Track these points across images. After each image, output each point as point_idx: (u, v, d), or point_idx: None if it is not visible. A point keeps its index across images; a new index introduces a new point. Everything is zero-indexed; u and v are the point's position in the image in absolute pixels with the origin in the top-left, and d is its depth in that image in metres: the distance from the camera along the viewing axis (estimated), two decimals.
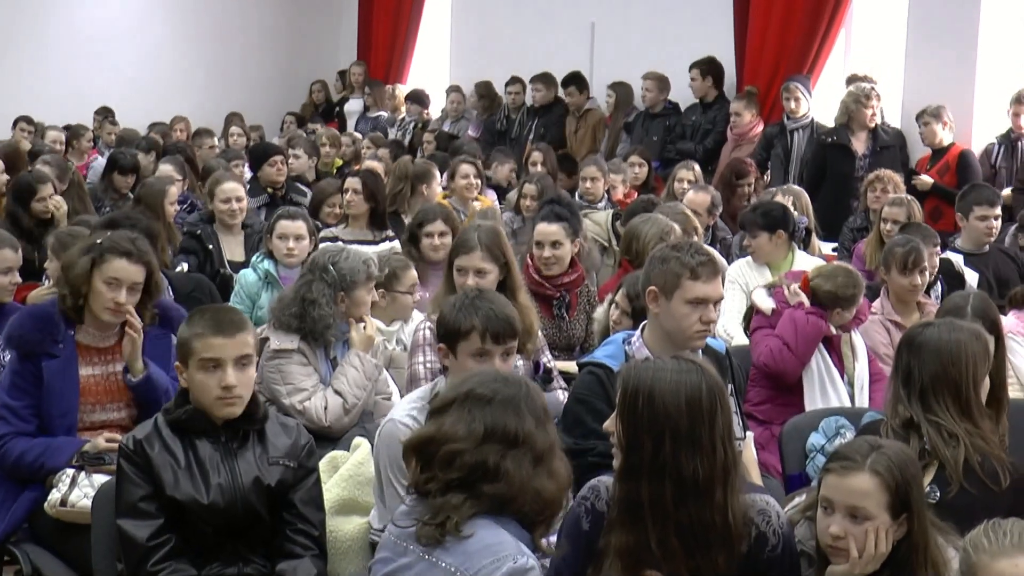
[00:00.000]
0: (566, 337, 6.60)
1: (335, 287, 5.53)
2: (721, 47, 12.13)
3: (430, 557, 3.26)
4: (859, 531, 3.47)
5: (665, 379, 3.39)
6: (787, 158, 10.91)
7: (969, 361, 4.11)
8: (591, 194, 9.67)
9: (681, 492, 3.33)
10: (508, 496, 3.27)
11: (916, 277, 6.49)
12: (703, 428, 3.36)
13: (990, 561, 2.99)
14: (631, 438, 3.39)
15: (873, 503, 3.46)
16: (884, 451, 3.53)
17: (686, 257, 4.47)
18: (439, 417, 3.38)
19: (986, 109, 10.40)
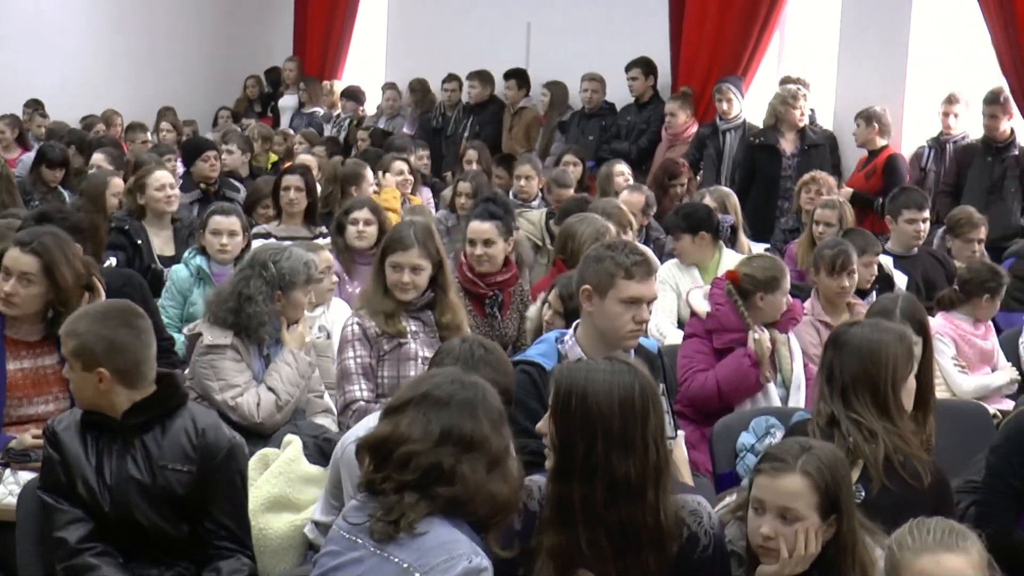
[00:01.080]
0: (499, 336, 6.59)
1: (273, 285, 5.49)
2: (656, 47, 12.18)
3: (382, 552, 3.25)
4: (789, 532, 3.49)
5: (598, 380, 3.39)
6: (719, 159, 10.97)
7: (890, 361, 4.15)
8: (525, 192, 9.68)
9: (612, 492, 3.34)
10: (463, 499, 3.27)
11: (844, 280, 6.55)
12: (635, 429, 3.37)
13: (913, 558, 3.02)
14: (564, 439, 3.39)
15: (803, 504, 3.49)
16: (815, 452, 3.55)
17: (621, 257, 4.49)
18: (394, 417, 3.37)
19: (917, 112, 10.53)
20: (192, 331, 5.57)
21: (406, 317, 5.53)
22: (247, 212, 8.54)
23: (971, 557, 3.03)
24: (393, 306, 5.50)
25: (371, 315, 5.49)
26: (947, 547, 3.03)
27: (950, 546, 3.03)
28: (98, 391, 3.98)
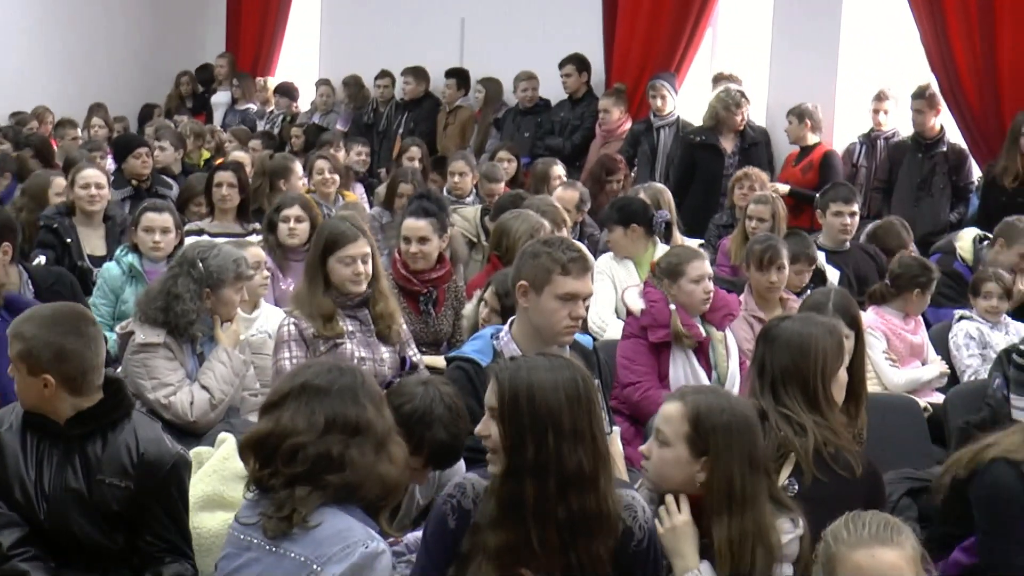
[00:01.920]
0: (433, 332, 6.60)
1: (202, 283, 5.45)
2: (589, 44, 12.20)
3: (278, 549, 3.25)
4: (658, 454, 3.61)
5: (542, 377, 3.40)
6: (653, 155, 11.00)
7: (819, 355, 4.17)
8: (459, 189, 9.68)
9: (565, 486, 3.35)
10: (354, 484, 3.28)
11: (772, 274, 6.62)
12: (584, 420, 3.39)
13: (848, 552, 3.05)
14: (514, 439, 3.38)
15: (671, 430, 3.60)
16: (708, 395, 3.68)
17: (557, 253, 4.50)
18: (275, 411, 3.37)
19: (848, 108, 10.62)
20: (124, 329, 5.53)
21: (342, 316, 5.52)
22: (180, 209, 8.47)
23: (905, 551, 3.06)
24: (332, 307, 5.49)
25: (308, 318, 5.47)
26: (882, 541, 3.06)
27: (885, 540, 3.06)
28: (43, 396, 3.91)
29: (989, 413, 5.47)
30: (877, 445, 4.93)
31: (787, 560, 3.65)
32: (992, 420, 5.43)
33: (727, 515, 3.54)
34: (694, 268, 6.04)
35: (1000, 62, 9.46)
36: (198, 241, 6.09)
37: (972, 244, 7.79)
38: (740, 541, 3.52)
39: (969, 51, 9.60)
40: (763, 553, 3.54)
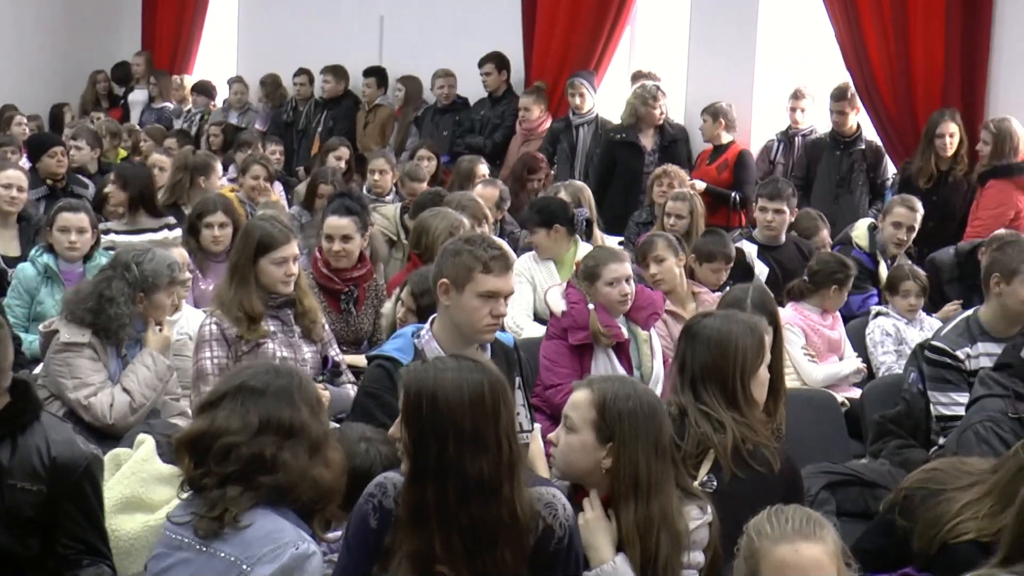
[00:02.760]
0: (354, 331, 6.58)
1: (135, 287, 5.41)
2: (509, 42, 12.22)
3: (208, 549, 3.23)
4: (565, 440, 3.64)
5: (447, 380, 3.37)
6: (573, 153, 11.04)
7: (739, 353, 4.19)
8: (379, 187, 9.66)
9: (466, 492, 3.32)
10: (286, 487, 3.26)
11: (651, 267, 6.79)
12: (487, 426, 3.35)
13: (771, 547, 3.06)
14: (416, 441, 3.36)
15: (578, 416, 3.62)
16: (615, 382, 3.70)
17: (479, 251, 4.50)
18: (211, 411, 3.34)
19: (765, 106, 10.72)
20: (48, 328, 5.46)
21: (265, 317, 5.49)
22: (96, 209, 8.37)
23: (827, 546, 3.08)
24: (262, 309, 5.46)
25: (231, 319, 5.44)
26: (805, 535, 3.08)
27: (808, 535, 3.08)
28: None
29: (904, 407, 5.54)
30: (796, 440, 4.96)
31: (696, 547, 3.68)
32: (907, 414, 5.51)
33: (633, 501, 3.56)
34: (609, 271, 6.03)
35: (914, 63, 9.59)
36: (132, 244, 6.03)
37: (867, 232, 7.93)
38: (646, 527, 3.55)
39: (884, 51, 9.72)
40: (669, 539, 3.56)
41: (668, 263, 6.82)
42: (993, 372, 4.89)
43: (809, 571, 3.02)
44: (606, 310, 6.01)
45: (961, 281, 7.67)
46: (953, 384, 5.32)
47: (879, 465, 5.23)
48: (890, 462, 5.27)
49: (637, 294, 6.15)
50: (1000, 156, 8.67)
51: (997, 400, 4.67)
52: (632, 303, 6.11)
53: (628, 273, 6.12)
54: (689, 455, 4.03)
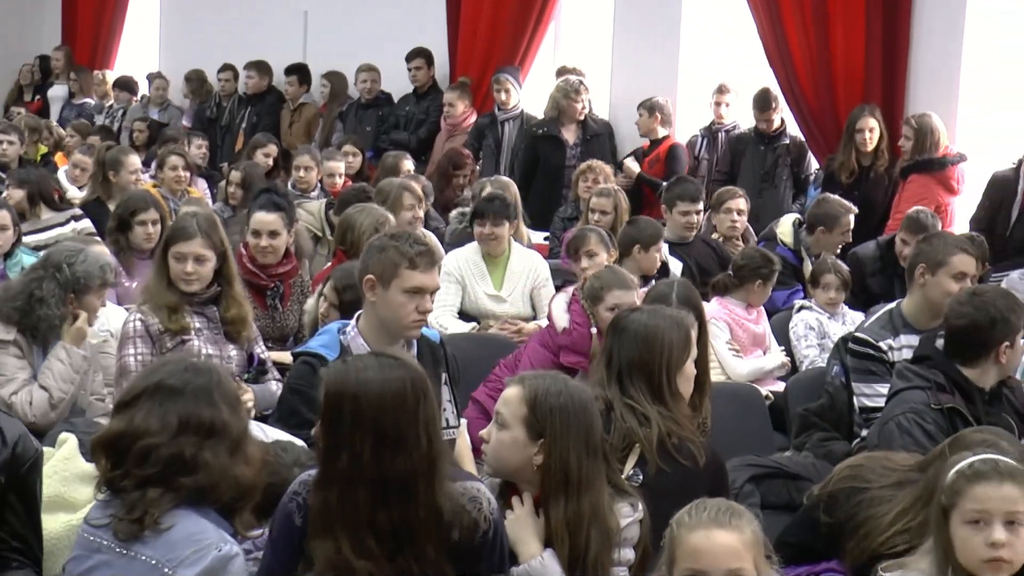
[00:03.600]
0: (280, 328, 6.54)
1: (66, 288, 5.34)
2: (433, 37, 12.21)
3: (128, 552, 3.19)
4: (496, 436, 3.63)
5: (368, 379, 3.33)
6: (498, 149, 11.05)
7: (664, 347, 4.22)
8: (304, 183, 9.60)
9: (382, 494, 3.30)
10: (207, 486, 3.23)
11: (583, 260, 6.79)
12: (409, 425, 3.33)
13: (687, 534, 3.09)
14: (331, 444, 3.33)
15: (509, 412, 3.61)
16: (546, 379, 3.68)
17: (404, 247, 4.49)
18: (128, 411, 3.30)
19: (689, 101, 10.78)
20: None
21: (190, 313, 5.45)
22: None
23: (743, 535, 3.10)
24: (176, 300, 5.40)
25: (153, 310, 5.39)
26: (720, 524, 3.10)
27: (723, 523, 3.10)
28: None
29: (828, 400, 5.59)
30: (721, 433, 5.00)
31: (627, 544, 3.70)
32: (830, 407, 5.56)
33: (563, 497, 3.56)
34: (613, 296, 5.84)
35: (835, 59, 9.68)
36: (64, 244, 5.94)
37: (792, 228, 8.00)
38: (576, 523, 3.55)
39: (805, 48, 9.80)
40: (599, 536, 3.57)
41: (600, 258, 6.84)
42: (911, 364, 4.94)
43: (719, 556, 3.04)
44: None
45: (883, 272, 7.76)
46: (877, 375, 5.37)
47: (803, 458, 5.27)
48: (814, 454, 5.31)
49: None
50: (922, 151, 8.79)
51: (919, 392, 4.72)
52: None
53: (633, 301, 5.80)
54: (615, 448, 4.04)
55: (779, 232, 8.02)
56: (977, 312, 4.78)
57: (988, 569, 3.28)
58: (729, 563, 3.04)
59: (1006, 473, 3.31)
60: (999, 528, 3.25)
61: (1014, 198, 8.37)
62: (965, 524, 3.28)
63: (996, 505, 3.27)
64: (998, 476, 3.29)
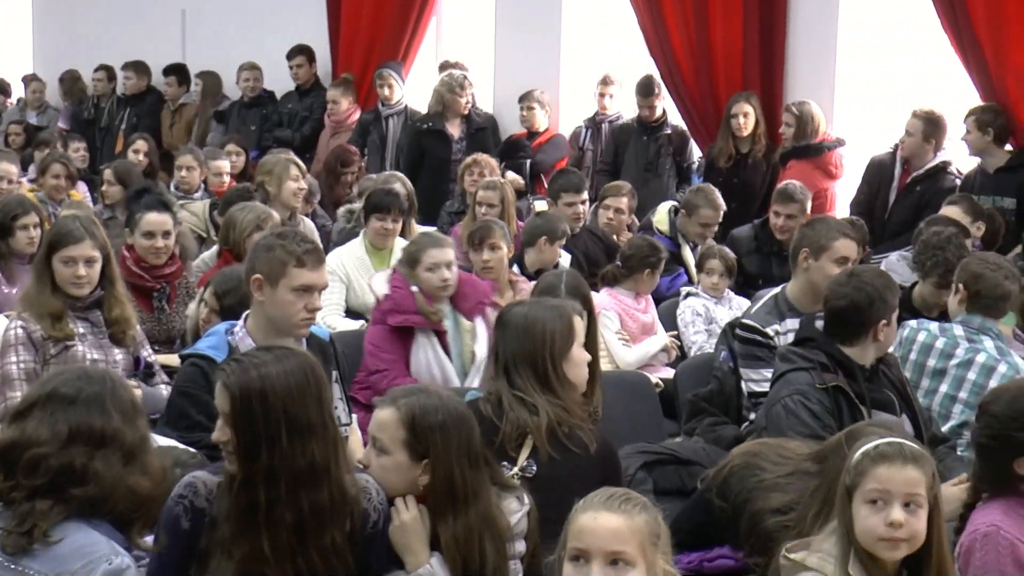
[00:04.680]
0: (166, 330, 6.47)
1: None
2: (314, 34, 12.15)
3: (16, 566, 3.13)
4: (377, 463, 3.60)
5: (270, 372, 3.34)
6: (383, 144, 11.04)
7: (547, 337, 4.24)
8: (187, 184, 9.49)
9: (297, 482, 3.31)
10: (99, 497, 3.17)
11: (484, 252, 6.74)
12: (316, 409, 3.36)
13: (576, 516, 3.11)
14: (248, 444, 3.32)
15: (388, 436, 3.58)
16: (420, 395, 3.65)
17: (291, 245, 4.48)
18: (21, 420, 3.24)
19: (572, 93, 10.84)
20: None
21: (73, 319, 5.36)
22: None
23: (633, 522, 3.10)
24: (61, 306, 5.32)
25: (35, 317, 5.29)
26: (609, 507, 3.12)
27: (612, 507, 3.12)
28: None
29: (716, 385, 5.66)
30: (612, 422, 5.04)
31: (517, 537, 3.72)
32: (719, 392, 5.63)
33: (451, 514, 3.56)
34: (429, 256, 6.06)
35: (714, 49, 9.78)
36: None
37: (668, 216, 8.09)
38: (467, 538, 3.55)
39: (685, 38, 9.90)
40: (493, 544, 3.58)
41: (501, 252, 6.85)
42: (794, 346, 5.02)
43: (602, 537, 3.06)
44: (429, 295, 6.03)
45: (758, 252, 7.88)
46: (764, 361, 5.44)
47: (694, 443, 5.32)
48: (704, 439, 5.37)
49: (462, 283, 6.17)
50: (802, 138, 8.95)
51: (803, 373, 4.79)
52: (456, 291, 6.12)
53: (449, 259, 6.12)
54: (508, 437, 4.08)
55: (655, 221, 8.12)
56: (856, 293, 4.87)
57: (884, 547, 3.35)
58: (611, 545, 3.05)
59: (910, 457, 3.38)
60: (898, 508, 3.32)
61: (891, 181, 8.55)
62: (866, 503, 3.35)
63: (897, 487, 3.34)
64: (902, 458, 3.37)
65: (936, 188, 8.35)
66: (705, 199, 8.03)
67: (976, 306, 5.53)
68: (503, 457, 4.02)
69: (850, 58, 9.32)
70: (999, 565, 3.59)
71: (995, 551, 3.60)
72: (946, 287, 5.94)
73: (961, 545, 3.70)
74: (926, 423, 5.09)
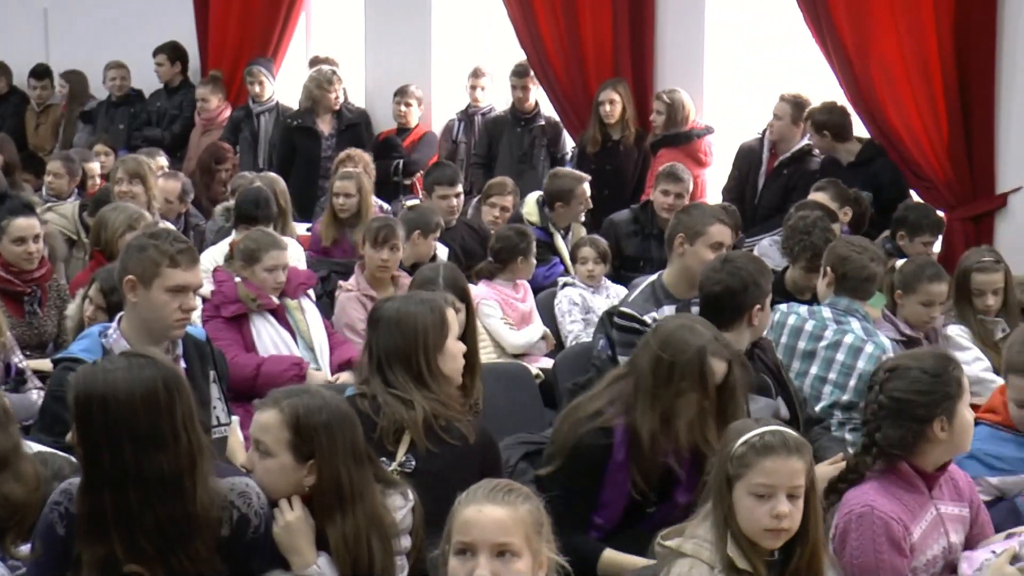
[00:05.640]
0: (38, 335, 6.38)
1: None
2: (183, 31, 12.02)
3: None
4: (261, 466, 3.58)
5: (117, 381, 3.27)
6: (255, 142, 10.97)
7: (419, 332, 4.25)
8: (55, 190, 9.33)
9: (147, 493, 3.25)
10: None
11: (385, 252, 6.71)
12: (164, 422, 3.27)
13: (461, 509, 3.12)
14: (90, 449, 3.26)
15: (271, 439, 3.56)
16: (303, 396, 3.63)
17: (165, 245, 4.43)
18: None
19: (445, 86, 10.84)
20: None
21: None
22: None
23: (517, 513, 3.12)
24: None
25: None
26: (493, 500, 3.13)
27: (496, 499, 3.13)
28: None
29: (595, 373, 5.65)
30: (493, 413, 5.06)
31: (403, 533, 3.72)
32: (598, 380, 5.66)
33: (339, 514, 3.55)
34: (271, 257, 6.16)
35: (584, 38, 9.82)
36: None
37: (536, 206, 8.11)
38: (356, 537, 3.55)
39: (554, 28, 9.93)
40: (379, 542, 3.58)
41: (399, 254, 6.82)
42: None
43: (487, 530, 3.07)
44: (256, 288, 6.08)
45: (637, 235, 7.94)
46: None
47: None
48: None
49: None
50: (672, 126, 9.04)
51: None
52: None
53: (286, 262, 6.26)
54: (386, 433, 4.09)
55: (525, 213, 8.12)
56: (730, 278, 4.95)
57: (768, 537, 3.43)
58: (496, 537, 3.07)
59: (793, 447, 3.45)
60: (783, 500, 3.40)
61: (760, 166, 8.68)
62: (751, 495, 3.42)
63: (782, 479, 3.41)
64: (787, 450, 3.44)
65: (803, 170, 8.49)
66: (570, 178, 8.09)
67: (843, 288, 5.65)
68: (382, 453, 4.02)
69: (719, 47, 9.42)
70: (874, 545, 3.68)
71: (870, 530, 3.69)
72: (815, 271, 6.06)
73: (837, 526, 3.78)
74: (801, 405, 5.19)
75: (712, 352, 4.30)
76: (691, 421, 4.24)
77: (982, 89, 7.93)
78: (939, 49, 7.92)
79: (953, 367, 3.89)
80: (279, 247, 6.23)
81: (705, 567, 3.44)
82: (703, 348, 4.27)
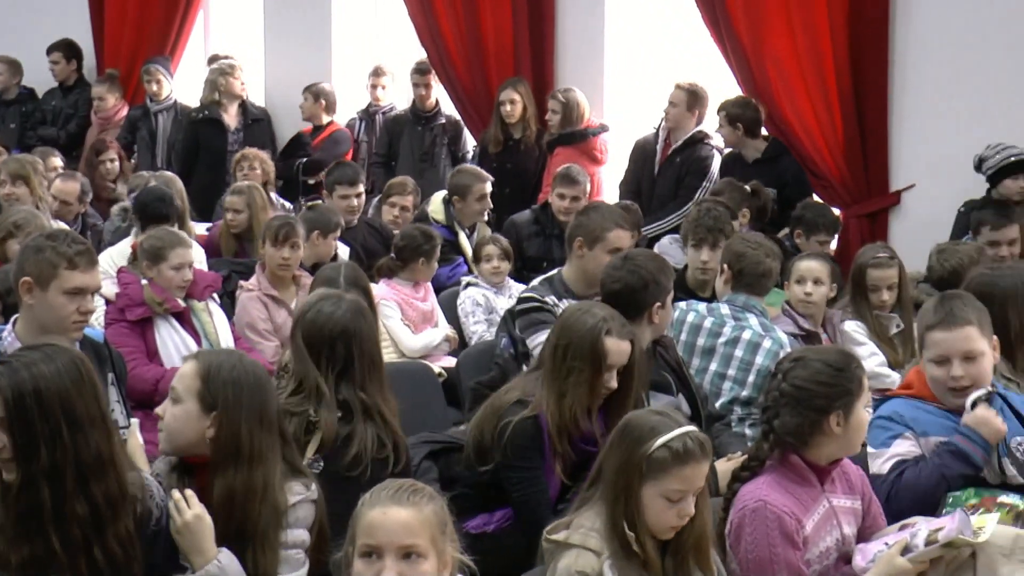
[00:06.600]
0: None
1: None
2: (78, 29, 11.87)
3: None
4: (171, 411, 3.66)
5: (43, 371, 3.29)
6: (153, 140, 10.88)
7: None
8: None
9: (84, 475, 3.28)
10: None
11: (285, 250, 6.68)
12: (92, 402, 3.34)
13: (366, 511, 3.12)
14: (26, 445, 3.25)
15: (183, 386, 3.65)
16: (222, 354, 3.83)
17: (62, 247, 4.38)
18: None
19: (346, 85, 10.80)
20: None
21: None
22: None
23: (421, 513, 3.12)
24: None
25: None
26: (398, 501, 3.13)
27: (401, 500, 3.14)
28: None
29: (499, 372, 5.69)
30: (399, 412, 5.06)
31: (300, 525, 3.71)
32: (501, 379, 5.67)
33: (233, 468, 3.58)
34: (177, 255, 6.06)
35: (485, 37, 9.85)
36: None
37: (442, 205, 8.13)
38: (246, 494, 3.57)
39: (455, 26, 9.94)
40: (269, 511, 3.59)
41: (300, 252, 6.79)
42: None
43: (393, 532, 3.08)
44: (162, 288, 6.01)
45: (539, 235, 7.96)
46: (546, 323, 5.42)
47: None
48: None
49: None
50: (568, 124, 9.08)
51: None
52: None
53: (192, 260, 6.20)
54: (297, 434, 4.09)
55: (431, 211, 8.13)
56: (630, 276, 4.99)
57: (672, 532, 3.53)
58: (402, 539, 3.07)
59: (708, 451, 3.56)
60: (691, 502, 3.51)
61: (654, 157, 8.74)
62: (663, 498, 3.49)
63: (696, 484, 3.52)
64: (703, 455, 3.53)
65: (694, 156, 8.53)
66: (470, 175, 8.11)
67: (740, 284, 5.71)
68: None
69: (619, 45, 9.49)
70: (768, 539, 3.74)
71: (764, 525, 3.75)
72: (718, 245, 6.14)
73: (731, 522, 3.83)
74: (702, 402, 5.24)
75: (608, 331, 4.40)
76: (582, 398, 4.36)
77: (876, 88, 8.06)
78: (833, 48, 8.05)
79: (856, 366, 3.96)
80: (184, 245, 6.16)
81: (591, 554, 3.49)
82: (596, 327, 4.39)
